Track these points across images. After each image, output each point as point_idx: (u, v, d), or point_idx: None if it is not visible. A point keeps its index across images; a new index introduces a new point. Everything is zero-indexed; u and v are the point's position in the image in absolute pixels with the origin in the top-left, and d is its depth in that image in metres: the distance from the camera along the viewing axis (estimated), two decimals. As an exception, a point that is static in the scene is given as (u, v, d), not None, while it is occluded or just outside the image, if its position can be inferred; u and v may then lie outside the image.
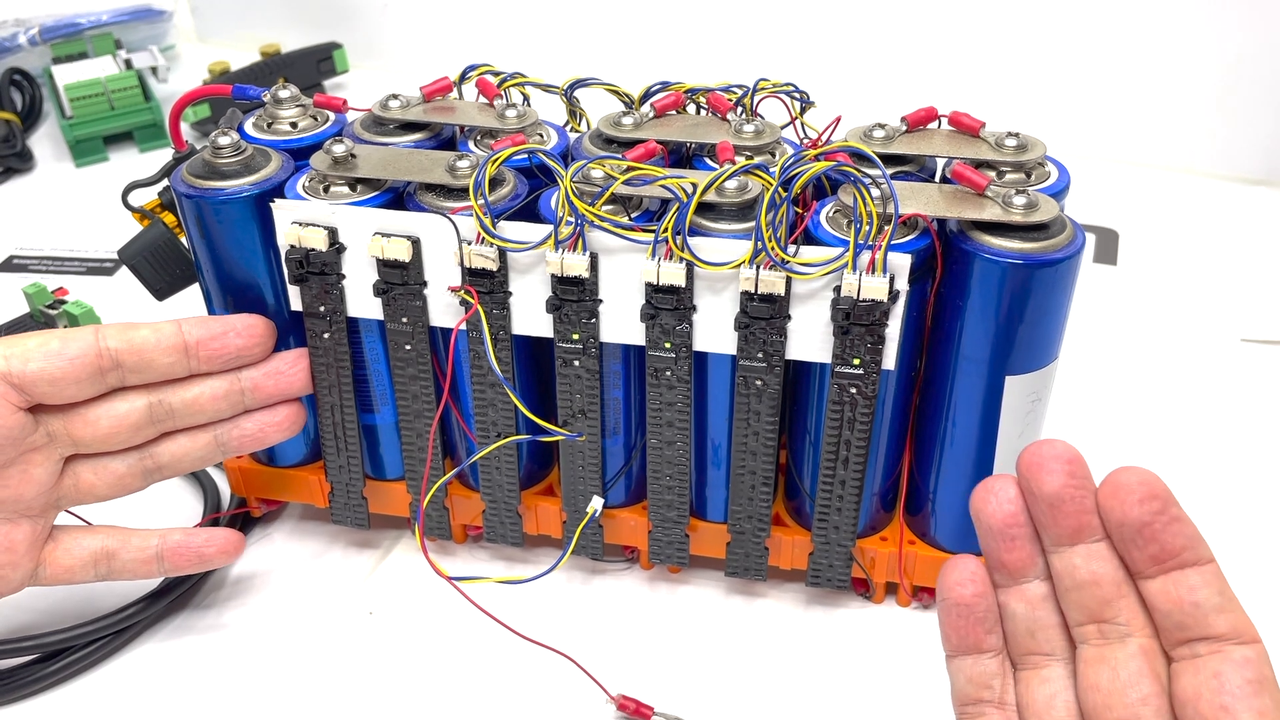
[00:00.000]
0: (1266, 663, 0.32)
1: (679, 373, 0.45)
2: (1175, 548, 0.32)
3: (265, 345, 0.48)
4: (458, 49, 1.04)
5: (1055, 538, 0.33)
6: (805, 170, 0.41)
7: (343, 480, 0.52)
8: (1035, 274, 0.41)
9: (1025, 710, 0.35)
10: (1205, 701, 0.31)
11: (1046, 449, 0.33)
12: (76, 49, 0.95)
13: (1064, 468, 0.33)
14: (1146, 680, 0.33)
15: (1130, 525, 0.32)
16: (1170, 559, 0.32)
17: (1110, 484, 0.32)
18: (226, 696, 0.48)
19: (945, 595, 0.36)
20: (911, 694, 0.47)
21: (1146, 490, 0.31)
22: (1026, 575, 0.35)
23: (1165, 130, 0.87)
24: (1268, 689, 0.31)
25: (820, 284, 0.41)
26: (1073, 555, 0.33)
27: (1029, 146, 0.46)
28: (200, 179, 0.46)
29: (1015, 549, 0.34)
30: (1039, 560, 0.34)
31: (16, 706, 0.48)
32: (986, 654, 0.36)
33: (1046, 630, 0.35)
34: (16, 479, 0.44)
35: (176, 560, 0.48)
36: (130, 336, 0.45)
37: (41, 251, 0.79)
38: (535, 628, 0.47)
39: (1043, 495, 0.33)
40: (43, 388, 0.43)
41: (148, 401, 0.46)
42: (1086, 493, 0.33)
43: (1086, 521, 0.33)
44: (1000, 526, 0.34)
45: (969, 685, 0.36)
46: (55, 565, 0.47)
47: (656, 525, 0.50)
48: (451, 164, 0.45)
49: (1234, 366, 0.67)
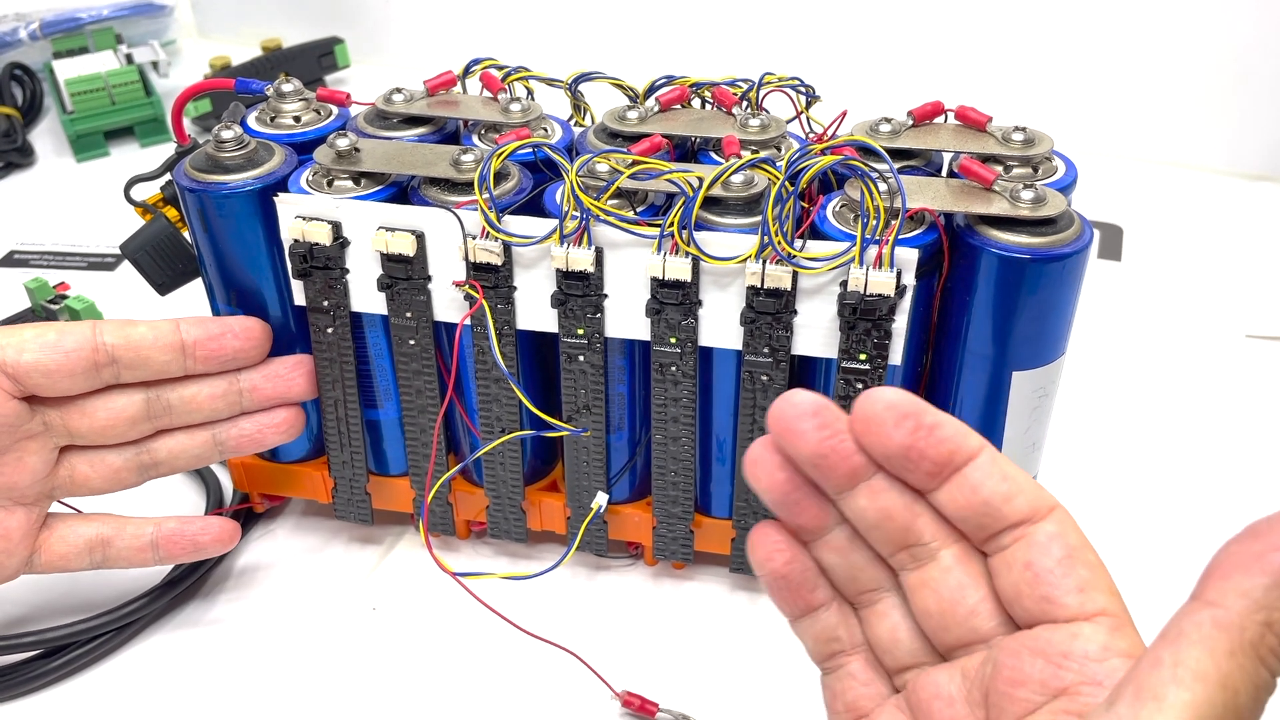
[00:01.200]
0: (1071, 527, 0.31)
1: (684, 368, 0.45)
2: (944, 456, 0.30)
3: (262, 348, 0.48)
4: (459, 44, 1.04)
5: (834, 488, 0.32)
6: (812, 164, 0.41)
7: (346, 476, 0.52)
8: (1043, 269, 0.41)
9: (876, 648, 0.35)
10: (1027, 597, 0.30)
11: (789, 409, 0.31)
12: (77, 44, 0.94)
13: (813, 423, 0.31)
14: (969, 589, 0.32)
15: (895, 454, 0.31)
16: (945, 469, 0.31)
17: (860, 419, 0.31)
18: (230, 692, 0.48)
19: (759, 570, 0.35)
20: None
21: (896, 414, 0.30)
22: (827, 528, 0.34)
23: (1169, 126, 0.87)
24: (1078, 557, 0.30)
25: (827, 279, 0.41)
26: (856, 498, 0.32)
27: (1036, 141, 0.45)
28: (203, 173, 0.45)
29: (803, 510, 0.33)
30: (831, 510, 0.33)
31: (18, 703, 0.47)
32: (821, 608, 0.35)
33: (865, 569, 0.34)
34: (11, 466, 0.44)
35: (171, 548, 0.48)
36: (128, 333, 0.45)
37: (43, 246, 0.79)
38: (539, 624, 0.47)
39: (803, 458, 0.32)
40: (37, 379, 0.43)
41: (145, 397, 0.46)
42: (844, 437, 0.31)
43: (856, 464, 0.31)
44: (780, 495, 0.33)
45: (818, 643, 0.36)
46: (50, 553, 0.46)
47: (661, 521, 0.50)
48: (456, 158, 0.44)
49: (1238, 362, 0.67)
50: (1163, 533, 0.54)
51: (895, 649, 0.34)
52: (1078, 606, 0.29)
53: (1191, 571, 0.27)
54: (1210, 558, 0.27)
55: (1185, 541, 0.53)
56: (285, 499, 0.57)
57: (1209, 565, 0.26)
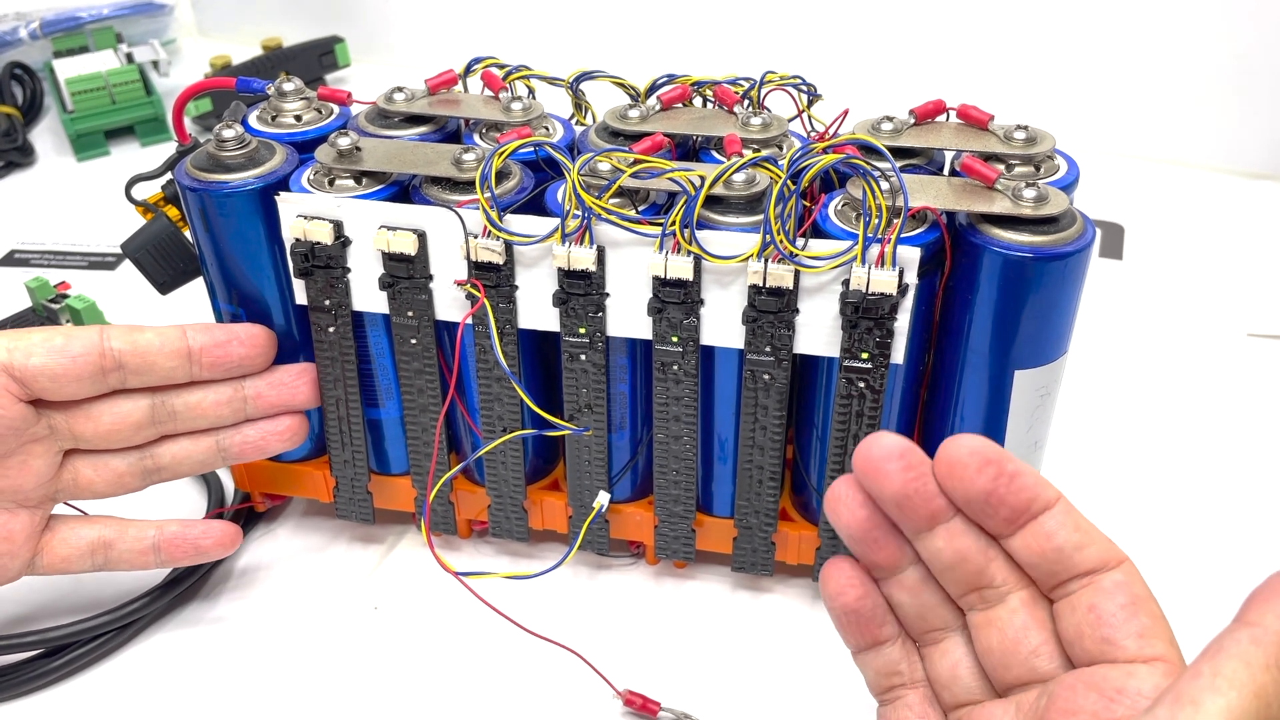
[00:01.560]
0: (1136, 579, 0.32)
1: (686, 367, 0.45)
2: (1023, 504, 0.32)
3: (267, 355, 0.48)
4: (459, 43, 1.04)
5: (913, 529, 0.34)
6: (815, 162, 0.41)
7: (347, 475, 0.52)
8: (1045, 268, 0.41)
9: (935, 684, 0.36)
10: (1088, 638, 0.31)
11: (876, 449, 0.33)
12: (77, 43, 0.94)
13: (898, 465, 0.33)
14: (1034, 631, 0.33)
15: (975, 498, 0.32)
16: (1022, 515, 0.32)
17: (944, 463, 0.32)
18: (231, 692, 0.48)
19: (831, 604, 0.37)
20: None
21: (980, 459, 0.32)
22: (900, 567, 0.35)
23: (1170, 125, 0.87)
24: (1142, 606, 0.31)
25: (829, 277, 0.41)
26: (934, 540, 0.34)
27: (1038, 139, 0.45)
28: (205, 172, 0.45)
29: (880, 549, 0.35)
30: (908, 549, 0.35)
31: (20, 702, 0.47)
32: (886, 644, 0.37)
33: (934, 609, 0.35)
34: (16, 469, 0.44)
35: (173, 552, 0.48)
36: (135, 338, 0.45)
37: (43, 246, 0.79)
38: (541, 623, 0.47)
39: (886, 498, 0.33)
40: (44, 383, 0.43)
41: (150, 403, 0.46)
42: (927, 480, 0.33)
43: (937, 506, 0.33)
44: (859, 533, 0.34)
45: (879, 676, 0.37)
46: (52, 555, 0.46)
47: (663, 520, 0.50)
48: (458, 157, 0.44)
49: (1240, 361, 0.67)
50: (1164, 531, 0.54)
51: (954, 685, 0.35)
52: (1136, 650, 0.31)
53: (1193, 568, 0.27)
54: (1216, 559, 0.28)
55: (1186, 539, 0.53)
56: (286, 498, 0.57)
57: (1251, 593, 0.27)
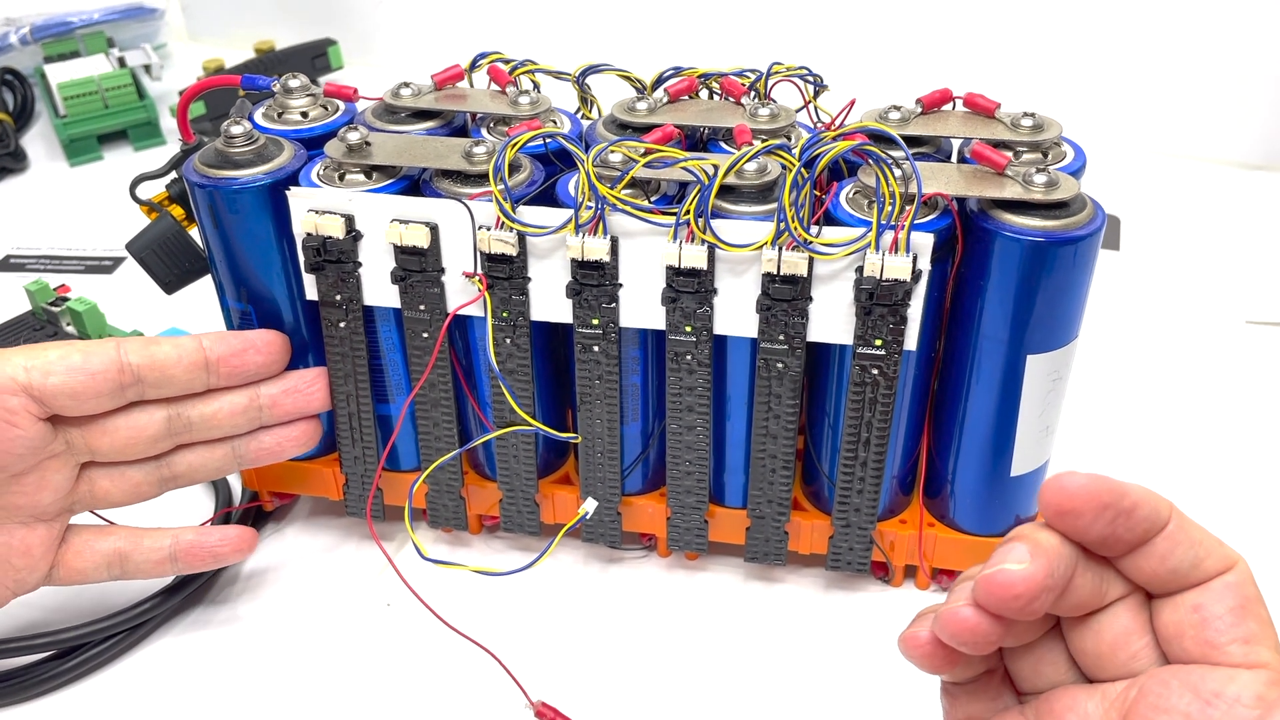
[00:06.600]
0: (1248, 580, 0.31)
1: (699, 356, 0.45)
2: (1139, 537, 0.31)
3: (282, 361, 0.48)
4: (452, 44, 1.03)
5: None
6: (828, 150, 0.41)
7: (358, 472, 0.52)
8: (1057, 251, 0.41)
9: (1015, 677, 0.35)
10: (1189, 639, 0.30)
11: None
12: (68, 48, 0.94)
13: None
14: (1135, 636, 0.32)
15: (1092, 543, 0.31)
16: (1138, 545, 0.31)
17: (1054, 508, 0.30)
18: (243, 692, 0.47)
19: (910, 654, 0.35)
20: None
21: (1095, 504, 0.30)
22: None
23: (1166, 116, 0.88)
24: (1250, 611, 0.30)
25: (842, 265, 0.41)
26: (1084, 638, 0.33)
27: (1045, 126, 0.46)
28: (213, 169, 0.45)
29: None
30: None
31: (31, 705, 0.47)
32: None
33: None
34: (34, 485, 0.44)
35: (190, 560, 0.48)
36: (152, 352, 0.45)
37: (39, 250, 0.79)
38: (552, 616, 0.47)
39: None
40: (63, 401, 0.43)
41: (166, 414, 0.46)
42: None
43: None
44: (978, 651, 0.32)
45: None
46: (69, 568, 0.46)
47: (675, 512, 0.50)
48: (468, 150, 0.44)
49: (1239, 349, 0.67)
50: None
51: (1036, 680, 0.34)
52: (1241, 656, 0.30)
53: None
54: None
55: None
56: (295, 497, 0.56)
57: None
